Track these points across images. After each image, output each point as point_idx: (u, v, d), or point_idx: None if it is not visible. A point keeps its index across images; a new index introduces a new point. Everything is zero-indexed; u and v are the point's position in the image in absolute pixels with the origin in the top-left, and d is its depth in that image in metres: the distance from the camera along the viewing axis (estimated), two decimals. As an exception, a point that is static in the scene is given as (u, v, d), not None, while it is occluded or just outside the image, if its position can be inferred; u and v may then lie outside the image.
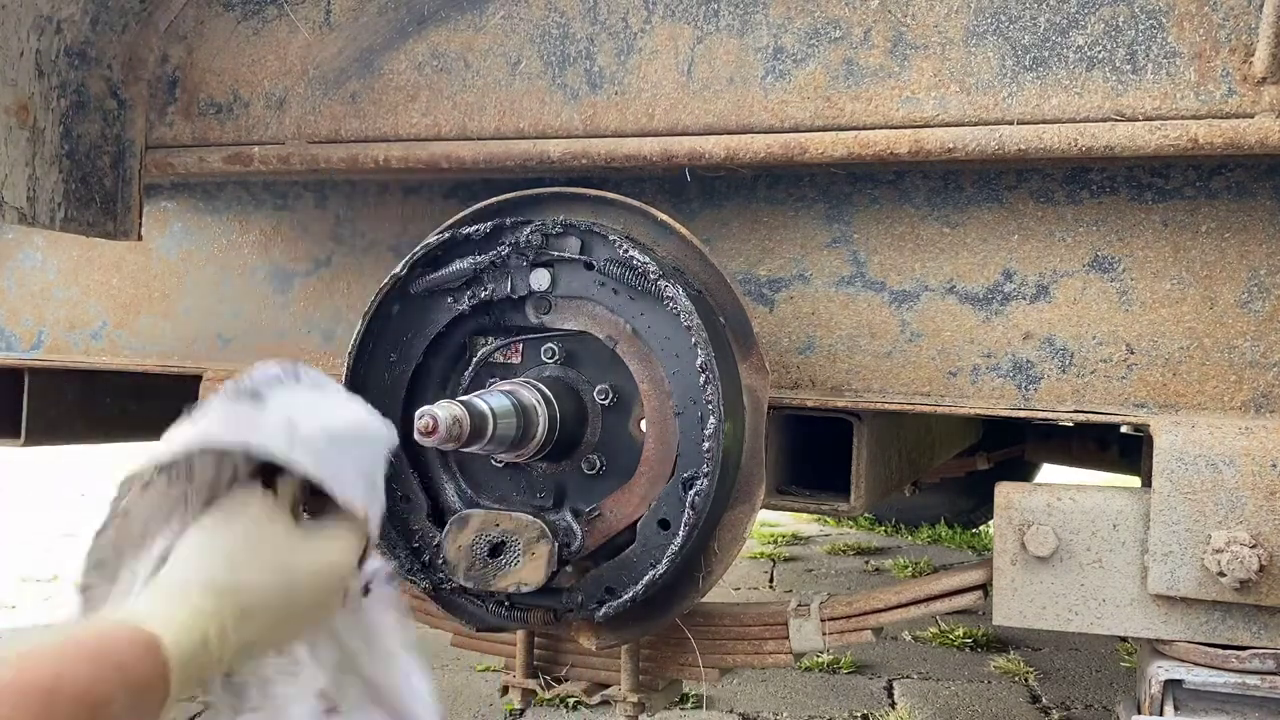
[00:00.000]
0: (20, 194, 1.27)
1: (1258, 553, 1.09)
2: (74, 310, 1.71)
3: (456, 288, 1.26)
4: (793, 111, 1.21)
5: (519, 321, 1.27)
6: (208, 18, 1.43)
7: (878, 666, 2.79)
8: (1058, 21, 1.13)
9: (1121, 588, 1.18)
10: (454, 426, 1.05)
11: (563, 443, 1.22)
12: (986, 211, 1.24)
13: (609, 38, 1.27)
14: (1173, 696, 1.16)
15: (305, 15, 1.39)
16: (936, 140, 1.14)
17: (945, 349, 1.26)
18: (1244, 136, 1.05)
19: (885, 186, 1.28)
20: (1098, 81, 1.11)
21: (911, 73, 1.17)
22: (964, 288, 1.25)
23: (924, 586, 1.35)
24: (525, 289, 1.24)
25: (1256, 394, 1.16)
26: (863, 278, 1.29)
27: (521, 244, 1.22)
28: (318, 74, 1.38)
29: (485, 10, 1.32)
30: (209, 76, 1.43)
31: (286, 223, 1.58)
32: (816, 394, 1.30)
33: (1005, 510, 1.22)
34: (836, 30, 1.20)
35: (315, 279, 1.57)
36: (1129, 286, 1.20)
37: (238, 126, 1.41)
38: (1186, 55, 1.09)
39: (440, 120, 1.33)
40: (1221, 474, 1.12)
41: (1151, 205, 1.19)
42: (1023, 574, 1.21)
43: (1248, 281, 1.16)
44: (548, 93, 1.30)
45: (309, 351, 1.57)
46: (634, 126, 1.26)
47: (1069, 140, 1.10)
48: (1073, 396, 1.22)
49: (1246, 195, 1.16)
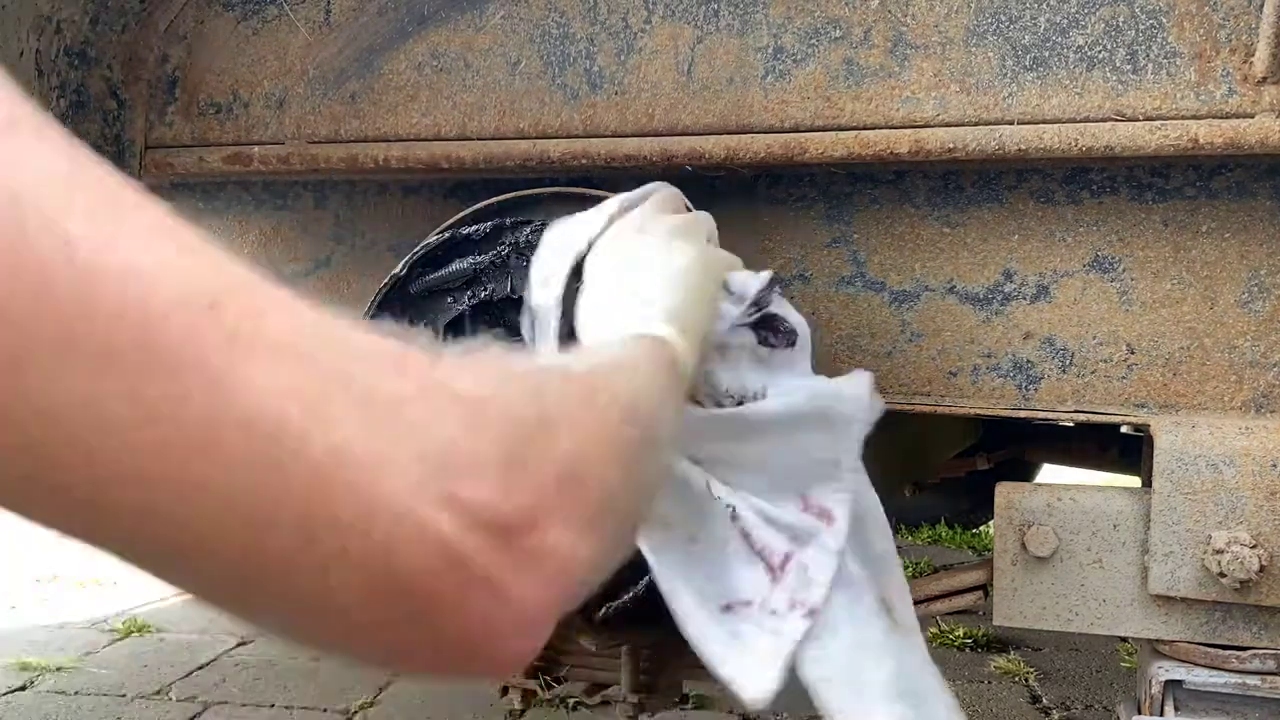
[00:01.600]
0: (20, 194, 1.27)
1: (1258, 553, 1.09)
2: (74, 310, 1.71)
3: (456, 288, 1.26)
4: (793, 111, 1.21)
5: (519, 322, 1.26)
6: (207, 18, 1.43)
7: (878, 667, 2.79)
8: (1058, 21, 1.13)
9: (1122, 588, 1.18)
10: None
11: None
12: (987, 211, 1.24)
13: (609, 38, 1.27)
14: (1173, 697, 1.16)
15: (305, 15, 1.39)
16: (937, 140, 1.14)
17: (945, 349, 1.26)
18: (1244, 136, 1.05)
19: (885, 186, 1.28)
20: (1098, 81, 1.11)
21: (912, 72, 1.17)
22: (964, 288, 1.25)
23: (924, 586, 1.35)
24: (525, 289, 1.24)
25: (1257, 394, 1.16)
26: (863, 278, 1.29)
27: (521, 244, 1.22)
28: (317, 74, 1.38)
29: (485, 10, 1.32)
30: (209, 76, 1.43)
31: (286, 223, 1.58)
32: (816, 394, 1.30)
33: (1005, 510, 1.22)
34: (836, 30, 1.20)
35: (315, 279, 1.57)
36: (1129, 286, 1.20)
37: (237, 126, 1.41)
38: (1187, 55, 1.09)
39: (440, 120, 1.33)
40: (1222, 474, 1.12)
41: (1152, 205, 1.19)
42: (1023, 574, 1.21)
43: (1248, 281, 1.16)
44: (548, 93, 1.30)
45: (309, 352, 1.57)
46: (634, 127, 1.26)
47: (1069, 140, 1.10)
48: (1073, 396, 1.22)
49: (1247, 195, 1.16)
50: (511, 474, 0.45)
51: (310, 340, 0.43)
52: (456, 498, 0.43)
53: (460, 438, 0.44)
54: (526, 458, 0.46)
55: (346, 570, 0.41)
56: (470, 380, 0.47)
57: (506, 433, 0.46)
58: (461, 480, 0.43)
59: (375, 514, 0.41)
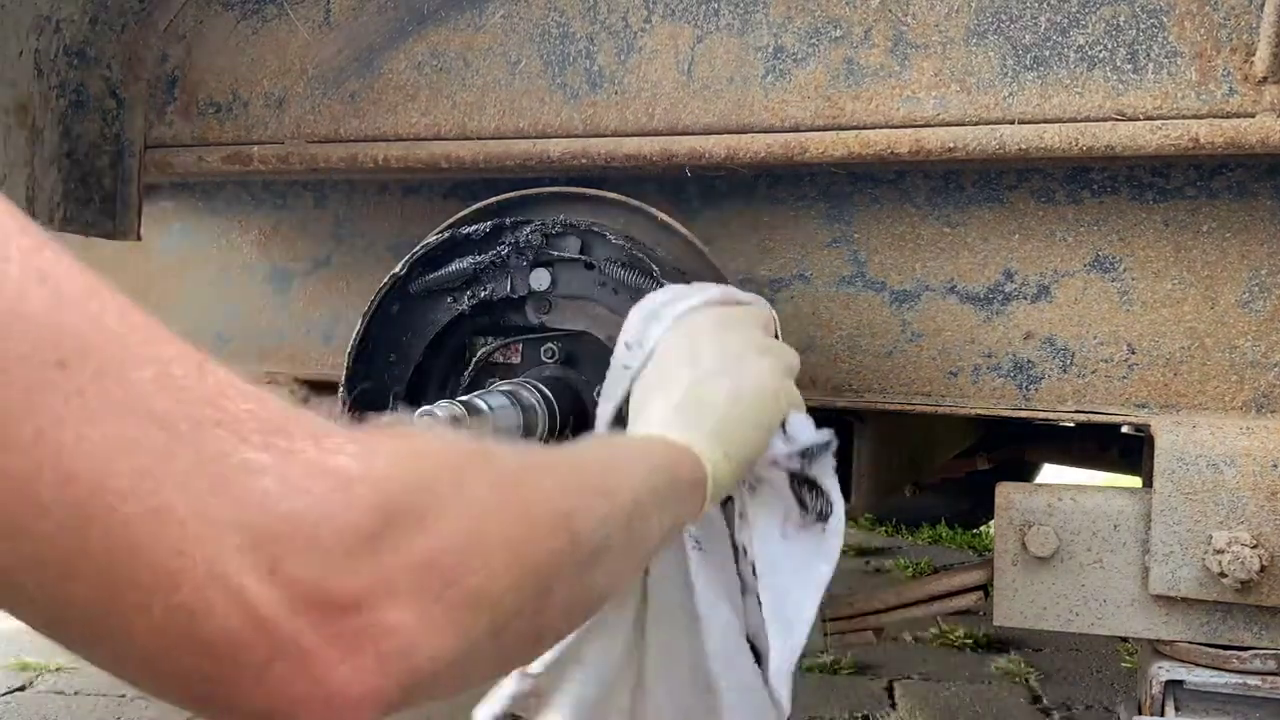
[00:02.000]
0: (19, 194, 1.27)
1: (1259, 553, 1.08)
2: (73, 310, 1.70)
3: (456, 288, 1.25)
4: (793, 111, 1.20)
5: (519, 321, 1.26)
6: (207, 17, 1.43)
7: (878, 667, 2.79)
8: (1058, 21, 1.12)
9: (1122, 588, 1.17)
10: (454, 426, 1.04)
11: (563, 442, 1.22)
12: (987, 211, 1.24)
13: (609, 37, 1.27)
14: (1174, 697, 1.16)
15: (305, 15, 1.39)
16: (937, 140, 1.14)
17: (946, 349, 1.26)
18: (1245, 136, 1.05)
19: (886, 186, 1.28)
20: (1098, 81, 1.11)
21: (912, 72, 1.17)
22: (964, 288, 1.25)
23: (924, 587, 1.35)
24: (525, 289, 1.24)
25: (1258, 394, 1.16)
26: (863, 278, 1.29)
27: (521, 244, 1.22)
28: (317, 73, 1.38)
29: (485, 10, 1.32)
30: (208, 76, 1.43)
31: (286, 222, 1.58)
32: (817, 394, 1.30)
33: (1005, 510, 1.21)
34: (837, 29, 1.20)
35: (315, 279, 1.57)
36: (1130, 286, 1.19)
37: (237, 126, 1.41)
38: (1187, 55, 1.08)
39: (440, 120, 1.33)
40: (1223, 474, 1.11)
41: (1152, 205, 1.19)
42: (1023, 574, 1.20)
43: (1249, 281, 1.16)
44: (548, 92, 1.29)
45: (309, 351, 1.56)
46: (634, 126, 1.26)
47: (1070, 140, 1.10)
48: (1073, 396, 1.21)
49: (1248, 195, 1.16)
50: (359, 553, 0.45)
51: (169, 404, 0.43)
52: (281, 569, 0.43)
53: (307, 511, 0.44)
54: (385, 539, 0.46)
55: (150, 625, 0.42)
56: (351, 457, 0.47)
57: (370, 512, 0.46)
58: (293, 553, 0.43)
59: (183, 576, 0.42)
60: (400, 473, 0.48)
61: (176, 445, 0.42)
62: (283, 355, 1.57)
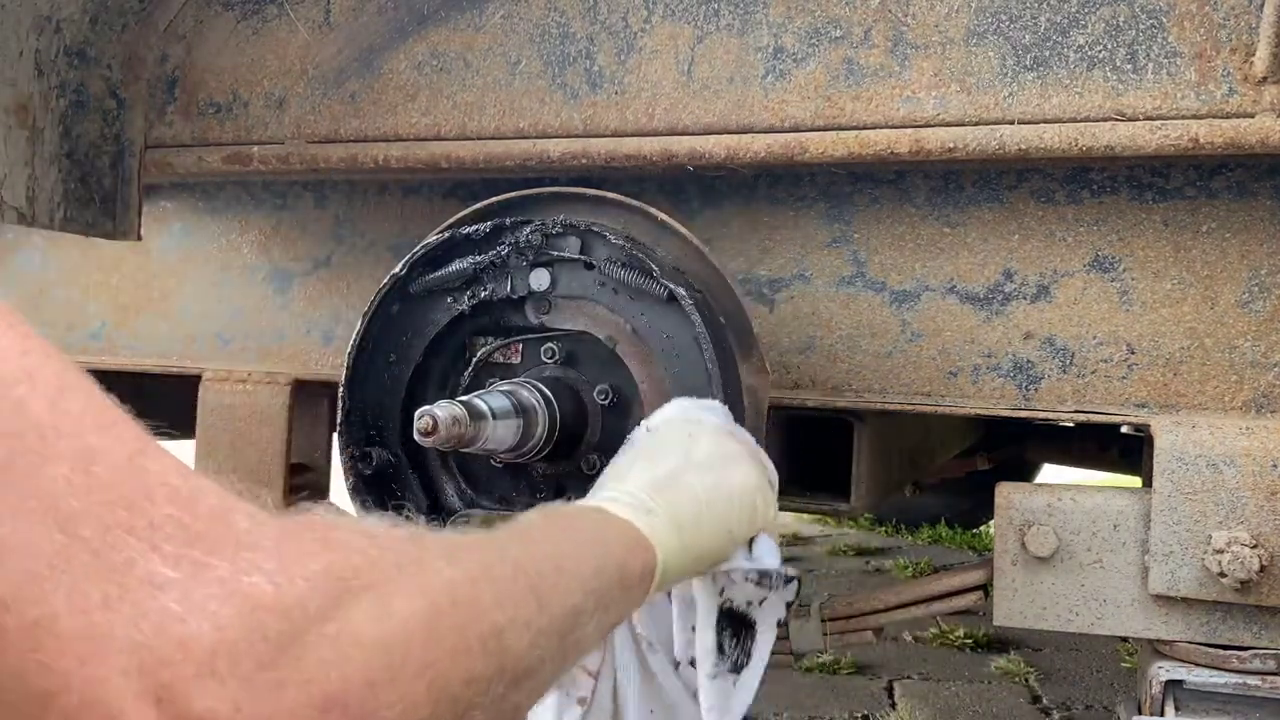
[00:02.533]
0: (20, 194, 1.27)
1: (1258, 553, 1.09)
2: (73, 310, 1.71)
3: (456, 288, 1.25)
4: (793, 111, 1.21)
5: (519, 321, 1.26)
6: (207, 17, 1.43)
7: (878, 667, 2.79)
8: (1058, 21, 1.12)
9: (1122, 588, 1.17)
10: (454, 426, 1.04)
11: (563, 443, 1.22)
12: (987, 211, 1.24)
13: (609, 37, 1.27)
14: (1173, 697, 1.16)
15: (305, 15, 1.39)
16: (937, 140, 1.14)
17: (946, 349, 1.26)
18: (1245, 136, 1.05)
19: (886, 186, 1.28)
20: (1098, 81, 1.11)
21: (912, 72, 1.17)
22: (964, 288, 1.25)
23: (924, 587, 1.35)
24: (525, 289, 1.24)
25: (1257, 394, 1.16)
26: (863, 278, 1.29)
27: (521, 244, 1.22)
28: (317, 74, 1.38)
29: (485, 10, 1.32)
30: (208, 76, 1.43)
31: (286, 222, 1.58)
32: (817, 394, 1.30)
33: (1005, 510, 1.21)
34: (837, 30, 1.20)
35: (315, 279, 1.57)
36: (1130, 286, 1.19)
37: (237, 126, 1.41)
38: (1187, 55, 1.08)
39: (440, 120, 1.33)
40: (1222, 474, 1.11)
41: (1152, 205, 1.19)
42: (1023, 574, 1.21)
43: (1248, 281, 1.16)
44: (547, 92, 1.30)
45: (309, 351, 1.56)
46: (634, 126, 1.26)
47: (1069, 140, 1.10)
48: (1073, 396, 1.22)
49: (1247, 195, 1.16)
50: (258, 687, 0.41)
51: (77, 504, 0.40)
52: (170, 699, 0.40)
53: (204, 637, 0.40)
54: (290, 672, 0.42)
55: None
56: (266, 576, 0.43)
57: (275, 641, 0.42)
58: (184, 681, 0.40)
59: (52, 699, 0.39)
60: (319, 597, 0.45)
61: (75, 550, 0.39)
62: (283, 355, 1.57)
